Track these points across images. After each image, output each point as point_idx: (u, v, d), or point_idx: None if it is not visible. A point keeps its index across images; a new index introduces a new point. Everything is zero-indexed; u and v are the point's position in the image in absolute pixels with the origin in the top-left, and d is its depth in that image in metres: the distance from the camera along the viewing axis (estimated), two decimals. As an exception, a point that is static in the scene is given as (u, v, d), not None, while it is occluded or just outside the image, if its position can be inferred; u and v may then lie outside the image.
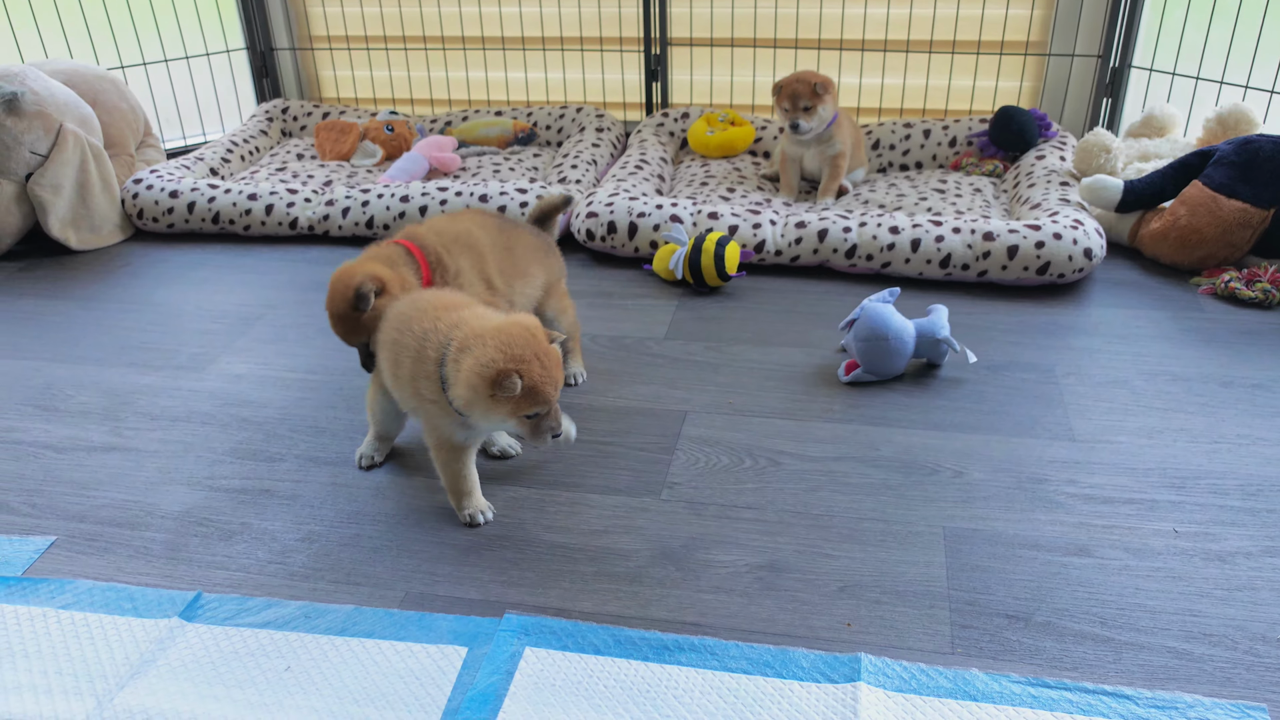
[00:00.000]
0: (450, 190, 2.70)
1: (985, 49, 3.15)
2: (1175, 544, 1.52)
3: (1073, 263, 2.30)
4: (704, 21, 3.31)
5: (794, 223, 2.49)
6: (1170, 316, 2.21)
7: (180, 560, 1.55)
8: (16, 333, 2.29)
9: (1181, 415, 1.85)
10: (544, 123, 3.36)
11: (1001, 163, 2.94)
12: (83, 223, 2.76)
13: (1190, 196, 2.37)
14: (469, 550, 1.55)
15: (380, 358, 1.63)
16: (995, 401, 1.91)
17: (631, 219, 2.53)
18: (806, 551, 1.53)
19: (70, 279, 2.59)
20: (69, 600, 1.46)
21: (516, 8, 3.42)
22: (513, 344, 1.42)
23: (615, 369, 2.06)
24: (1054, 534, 1.54)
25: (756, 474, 1.71)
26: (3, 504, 1.69)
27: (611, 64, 3.43)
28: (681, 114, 3.27)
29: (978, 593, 1.43)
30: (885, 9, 3.16)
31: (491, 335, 1.44)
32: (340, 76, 3.67)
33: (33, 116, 2.63)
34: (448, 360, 1.47)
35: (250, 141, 3.31)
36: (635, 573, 1.49)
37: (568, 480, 1.71)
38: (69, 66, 2.97)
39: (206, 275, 2.58)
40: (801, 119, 2.65)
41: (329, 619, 1.42)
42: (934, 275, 2.39)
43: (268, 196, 2.79)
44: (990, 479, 1.68)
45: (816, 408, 1.90)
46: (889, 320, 1.95)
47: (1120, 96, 3.05)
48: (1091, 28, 3.04)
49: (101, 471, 1.78)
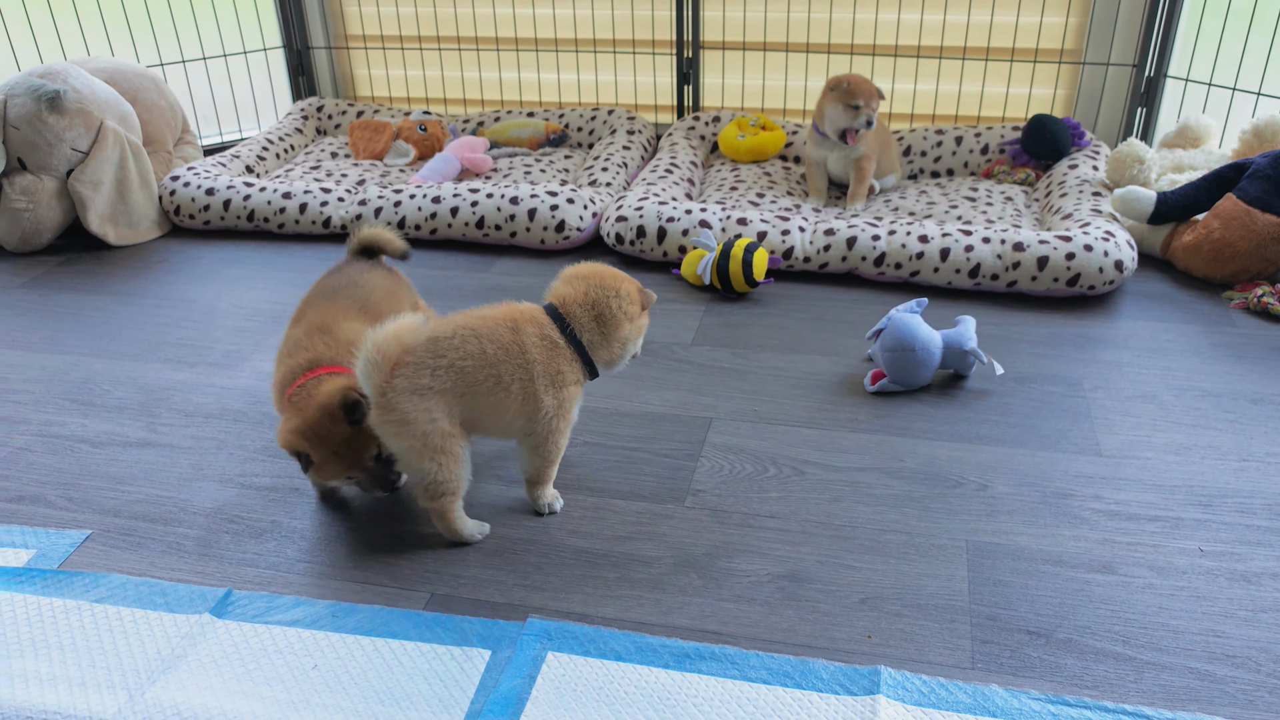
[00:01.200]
0: (481, 191, 2.72)
1: (1020, 56, 3.14)
2: (1200, 563, 1.51)
3: (1103, 275, 2.28)
4: (736, 25, 3.31)
5: (823, 230, 2.49)
6: (1201, 331, 2.19)
7: (211, 557, 1.58)
8: (56, 327, 2.34)
9: (1210, 432, 1.84)
10: (575, 124, 3.37)
11: (1034, 171, 2.92)
12: (121, 219, 2.81)
13: (1224, 210, 2.35)
14: (493, 553, 1.57)
15: (448, 412, 1.50)
16: (1021, 414, 1.90)
17: (660, 223, 2.54)
18: (828, 562, 1.53)
19: (108, 274, 2.63)
20: (103, 594, 1.50)
21: (550, 9, 3.44)
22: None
23: (641, 374, 2.07)
24: (1078, 550, 1.54)
25: (780, 483, 1.72)
26: (41, 497, 1.73)
27: (644, 66, 3.45)
28: (712, 117, 3.27)
29: (999, 608, 1.43)
30: (919, 15, 3.15)
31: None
32: (375, 75, 3.71)
33: (74, 114, 2.68)
34: (582, 330, 1.58)
35: (285, 139, 3.36)
36: (658, 579, 1.51)
37: (592, 485, 1.73)
38: (110, 64, 3.02)
39: (241, 273, 2.62)
40: (865, 123, 2.67)
41: (356, 618, 1.44)
42: (963, 285, 2.38)
43: (302, 195, 2.82)
44: (1015, 493, 1.68)
45: (842, 417, 1.91)
46: (916, 331, 1.95)
47: (1155, 106, 3.03)
48: (1127, 36, 3.02)
49: (136, 467, 1.82)
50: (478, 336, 1.51)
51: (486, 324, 1.53)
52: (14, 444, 1.89)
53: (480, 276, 2.55)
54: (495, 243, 2.72)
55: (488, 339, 1.51)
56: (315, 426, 1.51)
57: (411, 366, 1.47)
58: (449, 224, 2.71)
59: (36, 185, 2.68)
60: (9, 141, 2.66)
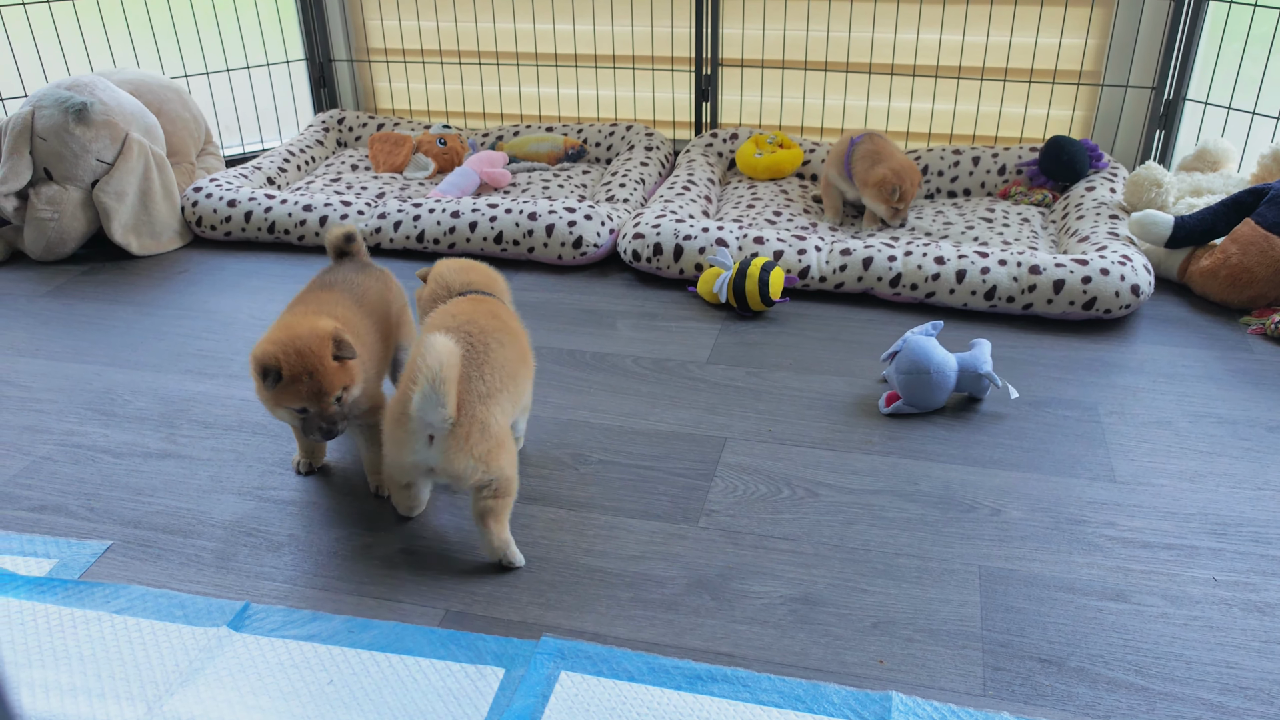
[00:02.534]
0: (500, 206, 2.74)
1: (1038, 77, 3.14)
2: (1214, 593, 1.51)
3: (1119, 299, 2.29)
4: (755, 43, 3.33)
5: (839, 249, 2.50)
6: (1218, 356, 2.19)
7: (229, 569, 1.60)
8: (78, 336, 2.37)
9: (1225, 459, 1.83)
10: (594, 140, 3.39)
11: (1050, 192, 2.93)
12: (144, 229, 2.84)
13: (1242, 235, 2.35)
14: (508, 571, 1.58)
15: (506, 408, 1.58)
16: (1036, 438, 1.90)
17: (677, 240, 2.56)
18: (841, 585, 1.54)
19: (130, 284, 2.66)
20: (123, 605, 1.52)
21: (570, 25, 3.46)
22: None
23: (656, 392, 2.09)
24: (1091, 577, 1.54)
25: (794, 504, 1.73)
26: (63, 507, 1.76)
27: (662, 83, 3.47)
28: (730, 134, 3.29)
29: (1012, 634, 1.44)
30: (938, 35, 3.16)
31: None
32: (396, 88, 3.74)
33: (100, 126, 2.71)
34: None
35: (306, 151, 3.39)
36: (671, 600, 1.51)
37: (607, 504, 1.74)
38: (136, 76, 3.06)
39: (261, 284, 2.64)
40: (898, 218, 2.75)
41: (371, 634, 1.45)
42: (978, 306, 2.38)
43: (322, 208, 2.85)
44: (1028, 518, 1.68)
45: (856, 439, 1.92)
46: (931, 353, 1.95)
47: (1174, 129, 3.03)
48: (1146, 59, 3.02)
49: (156, 478, 1.84)
50: (483, 330, 1.59)
51: (478, 316, 1.62)
52: (37, 453, 1.92)
53: (498, 291, 2.57)
54: (513, 258, 2.74)
55: (490, 331, 1.60)
56: (300, 343, 1.54)
57: (468, 378, 1.52)
58: (467, 238, 2.73)
59: (62, 195, 2.71)
60: (36, 152, 2.70)
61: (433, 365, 1.42)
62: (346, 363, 1.57)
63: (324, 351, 1.55)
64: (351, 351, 1.57)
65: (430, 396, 1.43)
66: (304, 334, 1.55)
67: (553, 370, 2.18)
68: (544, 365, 2.20)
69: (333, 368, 1.55)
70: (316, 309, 1.68)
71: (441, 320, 1.62)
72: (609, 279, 2.64)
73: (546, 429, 1.94)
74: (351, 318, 1.70)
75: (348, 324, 1.67)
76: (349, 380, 1.58)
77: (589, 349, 2.27)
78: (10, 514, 1.74)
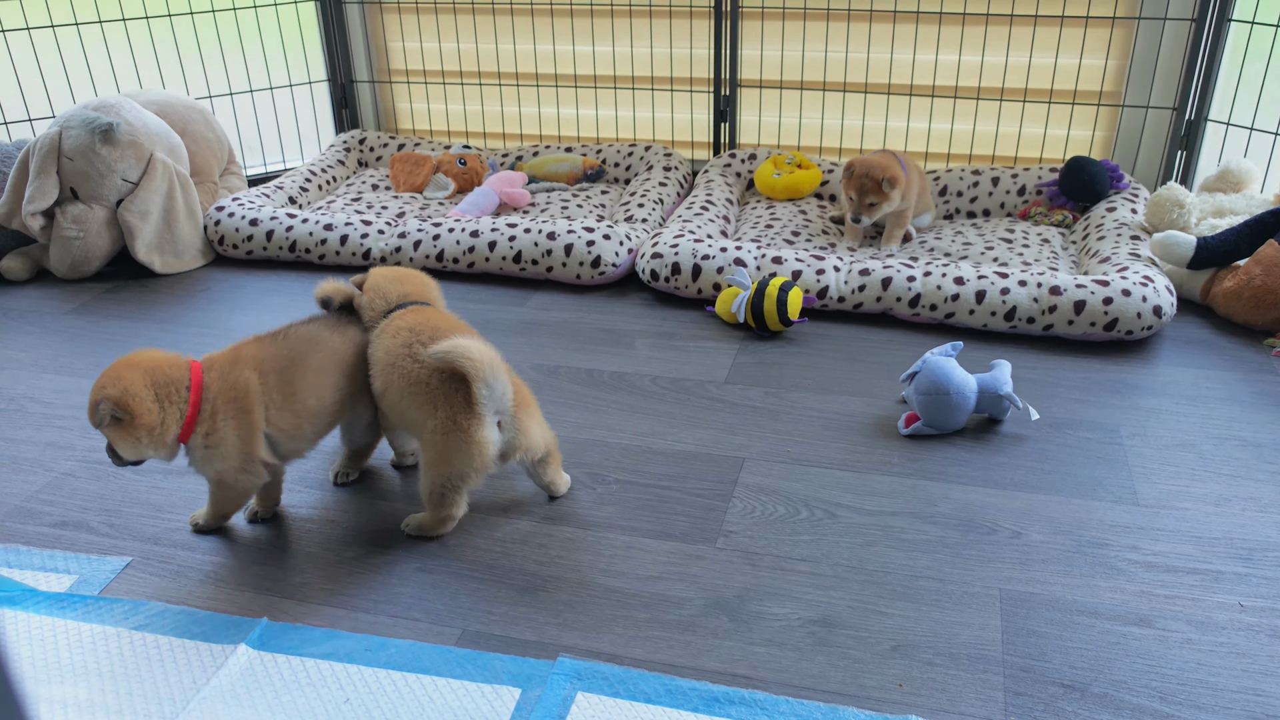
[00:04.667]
0: (519, 226, 2.76)
1: (1058, 98, 3.13)
2: (1240, 618, 1.49)
3: (1141, 320, 2.27)
4: (774, 64, 3.34)
5: (858, 269, 2.50)
6: (1242, 379, 2.17)
7: (248, 587, 1.60)
8: (102, 354, 2.39)
9: (1251, 483, 1.81)
10: (613, 160, 3.41)
11: (1071, 213, 2.91)
12: (167, 247, 2.87)
13: (1266, 256, 2.33)
14: (525, 590, 1.58)
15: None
16: (1057, 460, 1.89)
17: (696, 260, 2.56)
18: (860, 608, 1.53)
19: (152, 302, 2.69)
20: (141, 621, 1.52)
21: (590, 47, 3.48)
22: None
23: (674, 412, 2.08)
24: (1114, 602, 1.53)
25: (813, 525, 1.72)
26: (84, 523, 1.77)
27: (681, 104, 3.48)
28: (749, 155, 3.29)
29: (1033, 659, 1.42)
30: (956, 55, 3.16)
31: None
32: (416, 109, 3.77)
33: (126, 146, 2.75)
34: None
35: (328, 171, 3.42)
36: (688, 621, 1.51)
37: (624, 524, 1.73)
38: (162, 97, 3.10)
39: (281, 302, 2.66)
40: (864, 214, 2.67)
41: (388, 653, 1.45)
42: (998, 327, 2.37)
43: (343, 227, 2.87)
44: (1049, 541, 1.67)
45: (875, 460, 1.91)
46: (951, 374, 1.94)
47: (1195, 150, 3.01)
48: (1167, 79, 3.01)
49: (176, 495, 1.85)
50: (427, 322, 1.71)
51: (435, 321, 1.71)
52: (59, 469, 1.93)
53: (517, 311, 2.57)
54: (532, 277, 2.75)
55: (436, 317, 1.74)
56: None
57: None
58: (486, 258, 2.75)
59: (87, 214, 2.74)
60: (63, 172, 2.73)
61: (478, 357, 1.55)
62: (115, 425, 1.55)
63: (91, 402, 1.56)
64: (105, 419, 1.54)
65: (496, 386, 1.58)
66: (104, 377, 1.57)
67: (570, 389, 2.18)
68: (561, 384, 2.20)
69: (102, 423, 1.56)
70: (232, 355, 1.67)
71: (395, 338, 1.69)
72: (627, 298, 2.64)
73: (564, 448, 1.94)
74: (272, 369, 1.65)
75: (264, 376, 1.63)
76: (117, 441, 1.56)
77: (607, 368, 2.27)
78: (32, 529, 1.75)
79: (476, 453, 1.60)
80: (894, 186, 2.62)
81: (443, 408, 1.60)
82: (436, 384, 1.61)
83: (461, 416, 1.59)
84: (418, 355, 1.64)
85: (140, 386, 1.55)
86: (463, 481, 1.64)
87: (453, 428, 1.59)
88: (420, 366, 1.63)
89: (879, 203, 2.64)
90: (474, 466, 1.62)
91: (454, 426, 1.59)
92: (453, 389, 1.60)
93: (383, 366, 1.69)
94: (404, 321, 1.71)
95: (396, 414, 1.70)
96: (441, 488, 1.64)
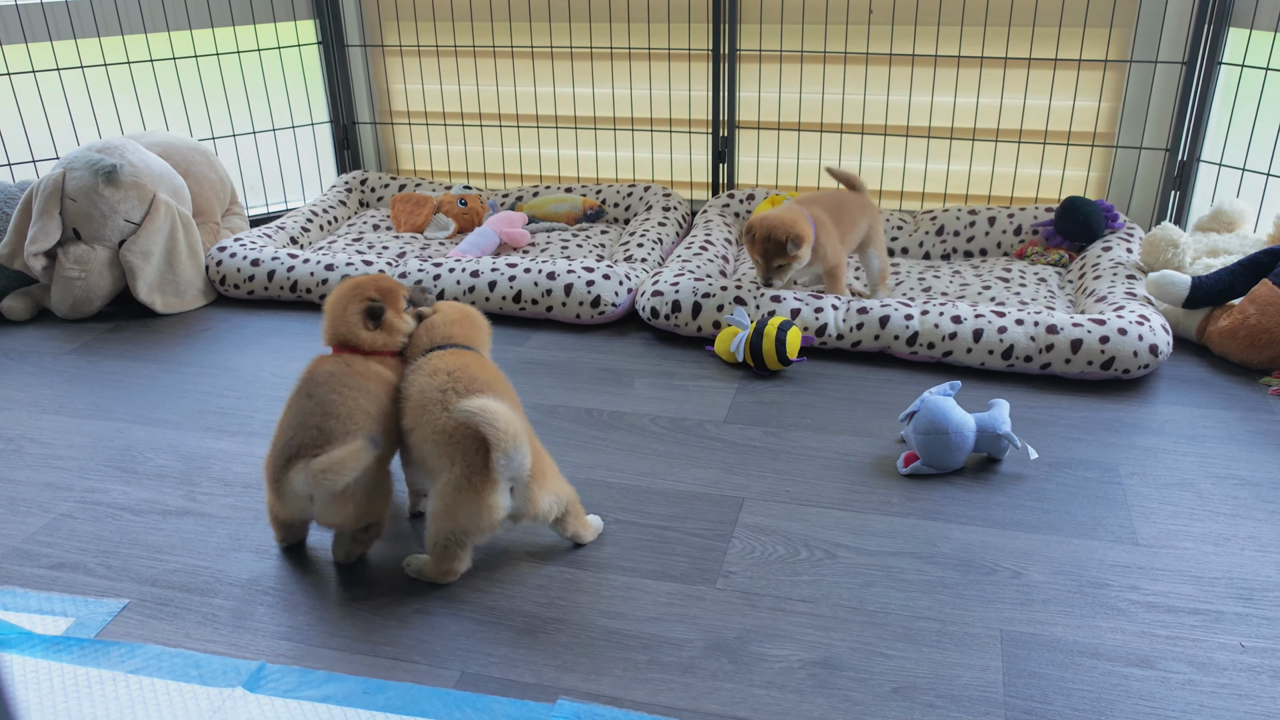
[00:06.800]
0: (519, 266, 2.77)
1: (1053, 139, 3.17)
2: (1242, 659, 1.49)
3: (1138, 359, 2.28)
4: (771, 106, 3.38)
5: (856, 308, 2.51)
6: (1239, 417, 2.17)
7: (246, 629, 1.60)
8: (101, 394, 2.40)
9: (1250, 522, 1.81)
10: (612, 200, 3.44)
11: (1067, 253, 2.93)
12: (169, 288, 2.89)
13: (1260, 295, 2.35)
14: (524, 632, 1.57)
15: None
16: (1056, 500, 1.89)
17: (696, 299, 2.58)
18: (860, 649, 1.52)
19: (153, 342, 2.70)
20: (138, 665, 1.51)
21: (590, 89, 3.53)
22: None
23: (674, 451, 2.08)
24: (1115, 643, 1.52)
25: (812, 565, 1.72)
26: (81, 565, 1.76)
27: (680, 144, 3.52)
28: (747, 195, 3.32)
29: (1035, 701, 1.41)
30: (952, 97, 3.20)
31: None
32: (418, 150, 3.81)
33: (129, 187, 2.77)
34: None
35: (329, 211, 3.44)
36: (688, 663, 1.50)
37: (624, 564, 1.73)
38: (165, 139, 3.13)
39: (282, 342, 2.67)
40: (775, 277, 2.50)
41: (387, 695, 1.44)
42: (996, 366, 2.38)
43: (344, 267, 2.89)
44: (1050, 581, 1.66)
45: (874, 499, 1.91)
46: (950, 414, 1.95)
47: (1189, 190, 3.04)
48: (1159, 121, 3.05)
49: (175, 536, 1.84)
50: (466, 368, 1.71)
51: (450, 364, 1.71)
52: (57, 510, 1.93)
53: (516, 350, 2.58)
54: (532, 317, 2.77)
55: (475, 364, 1.74)
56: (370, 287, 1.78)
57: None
58: (486, 298, 2.76)
59: (90, 255, 2.76)
60: (66, 213, 2.75)
61: (503, 427, 1.54)
62: None
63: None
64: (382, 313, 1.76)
65: (516, 456, 1.57)
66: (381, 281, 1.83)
67: (570, 429, 2.18)
68: (561, 424, 2.20)
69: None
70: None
71: (431, 379, 1.70)
72: (627, 338, 2.65)
73: (563, 488, 1.94)
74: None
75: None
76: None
77: (606, 408, 2.27)
78: (29, 571, 1.75)
79: (485, 514, 1.59)
80: (799, 245, 2.42)
81: (460, 463, 1.59)
82: (460, 438, 1.60)
83: (476, 476, 1.58)
84: (449, 404, 1.63)
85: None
86: (466, 537, 1.63)
87: (465, 485, 1.58)
88: (448, 417, 1.62)
89: (787, 264, 2.45)
90: (479, 526, 1.61)
91: (467, 485, 1.58)
92: (473, 447, 1.58)
93: (414, 405, 1.69)
94: (443, 363, 1.71)
95: (418, 453, 1.69)
96: (445, 540, 1.63)
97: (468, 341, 1.81)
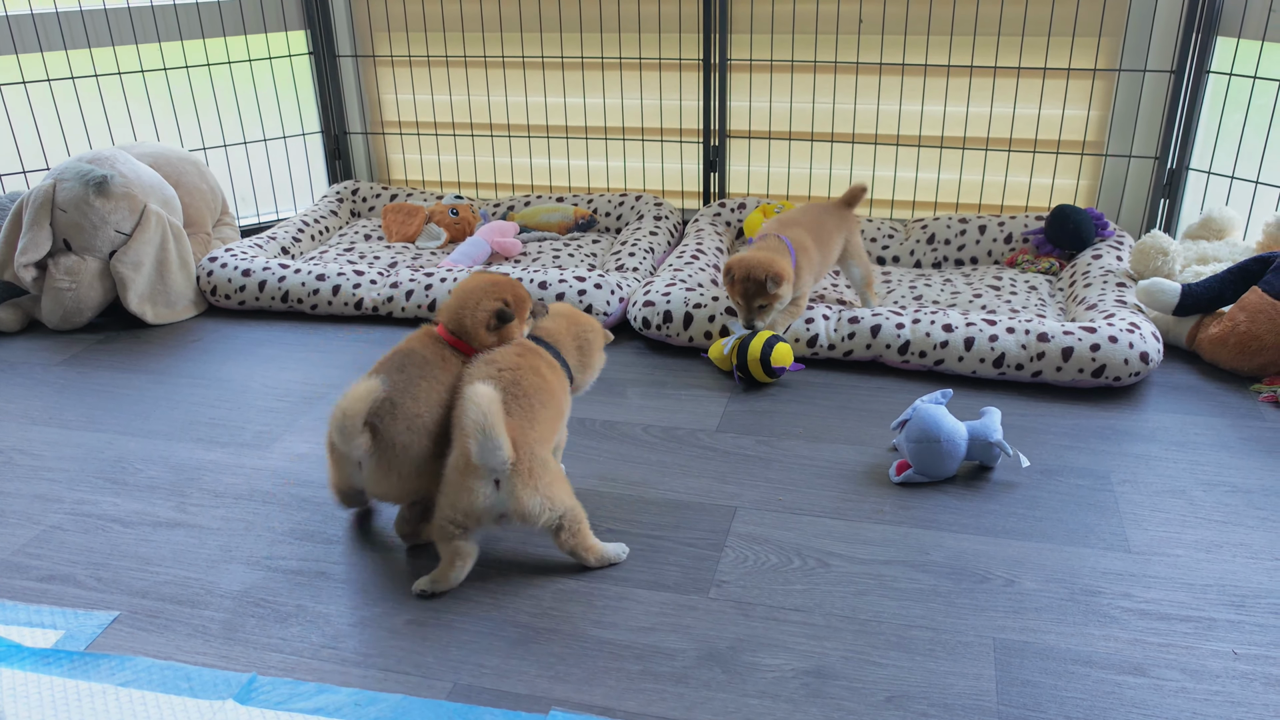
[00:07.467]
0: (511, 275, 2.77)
1: (1042, 148, 3.18)
2: (1235, 666, 1.49)
3: (1129, 366, 2.29)
4: (762, 115, 3.39)
5: (847, 318, 2.52)
6: (1230, 424, 2.18)
7: (236, 641, 1.59)
8: (92, 405, 2.39)
9: (1241, 529, 1.82)
10: (604, 209, 3.44)
11: (1057, 261, 2.95)
12: (159, 298, 2.88)
13: (1250, 303, 2.36)
14: (517, 643, 1.57)
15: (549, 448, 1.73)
16: (1048, 507, 1.89)
17: (687, 309, 2.58)
18: (853, 658, 1.52)
19: (144, 353, 2.69)
20: (128, 678, 1.50)
21: (581, 99, 3.53)
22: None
23: (666, 460, 2.08)
24: (1108, 650, 1.52)
25: (805, 574, 1.71)
26: (71, 577, 1.75)
27: (671, 154, 3.53)
28: (738, 204, 3.33)
29: (1028, 709, 1.41)
30: (942, 106, 3.21)
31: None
32: (409, 160, 3.81)
33: (120, 198, 2.76)
34: (569, 356, 1.86)
35: (321, 221, 3.44)
36: (681, 673, 1.50)
37: (616, 574, 1.73)
38: (156, 149, 3.13)
39: (273, 353, 2.67)
40: (758, 319, 2.40)
41: (379, 707, 1.44)
42: (987, 374, 2.39)
43: (335, 277, 2.89)
44: (1042, 589, 1.66)
45: (867, 508, 1.91)
46: (941, 422, 1.95)
47: (1178, 198, 3.06)
48: (1148, 129, 3.06)
49: (165, 547, 1.83)
50: (514, 369, 1.72)
51: (508, 362, 1.73)
52: (47, 522, 1.92)
53: (508, 360, 2.58)
54: (523, 326, 2.76)
55: (520, 369, 1.72)
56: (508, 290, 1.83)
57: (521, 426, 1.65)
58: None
59: (80, 266, 2.75)
60: (56, 224, 2.75)
61: (475, 416, 1.53)
62: None
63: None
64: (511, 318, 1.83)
65: (485, 444, 1.55)
66: (506, 282, 1.87)
67: (562, 438, 2.18)
68: (554, 433, 2.20)
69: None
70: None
71: (484, 367, 1.74)
72: (619, 347, 2.65)
73: (556, 498, 1.93)
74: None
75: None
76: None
77: (598, 417, 2.27)
78: (18, 584, 1.74)
79: (463, 496, 1.61)
80: (779, 284, 2.33)
81: (458, 445, 1.64)
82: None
83: (463, 460, 1.62)
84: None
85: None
86: (453, 518, 1.64)
87: (455, 466, 1.63)
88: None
89: (769, 304, 2.37)
90: (458, 507, 1.62)
91: (457, 465, 1.63)
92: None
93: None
94: (500, 356, 1.76)
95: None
96: (440, 519, 1.66)
97: (553, 337, 1.85)
